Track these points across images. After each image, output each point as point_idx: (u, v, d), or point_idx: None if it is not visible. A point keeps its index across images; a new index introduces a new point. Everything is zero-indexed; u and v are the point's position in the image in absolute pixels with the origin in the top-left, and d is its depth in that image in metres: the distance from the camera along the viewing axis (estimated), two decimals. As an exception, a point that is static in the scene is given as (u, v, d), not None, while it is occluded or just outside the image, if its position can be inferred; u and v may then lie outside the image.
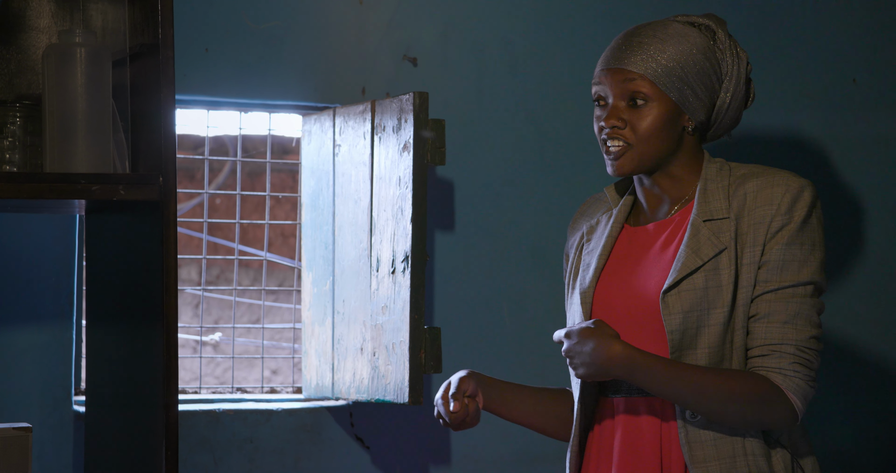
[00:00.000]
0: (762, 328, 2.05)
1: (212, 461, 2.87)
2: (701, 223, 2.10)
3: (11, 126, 2.23)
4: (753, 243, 2.07)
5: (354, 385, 2.83)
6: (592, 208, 2.32)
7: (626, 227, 2.23)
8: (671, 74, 2.11)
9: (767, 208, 2.07)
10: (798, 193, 2.07)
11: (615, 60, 2.14)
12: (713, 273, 2.07)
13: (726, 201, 2.10)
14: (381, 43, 3.01)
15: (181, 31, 2.42)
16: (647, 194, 2.21)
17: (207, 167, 3.19)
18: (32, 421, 2.70)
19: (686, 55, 2.12)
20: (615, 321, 2.15)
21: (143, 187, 2.12)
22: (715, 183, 2.13)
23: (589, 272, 2.21)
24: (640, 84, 2.11)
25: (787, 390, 2.02)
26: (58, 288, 2.76)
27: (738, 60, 2.16)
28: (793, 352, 2.03)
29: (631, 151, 2.12)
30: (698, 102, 2.13)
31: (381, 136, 2.78)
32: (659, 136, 2.12)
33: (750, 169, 2.14)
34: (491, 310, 3.10)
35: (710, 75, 2.14)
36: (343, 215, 2.89)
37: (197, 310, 6.44)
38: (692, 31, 2.15)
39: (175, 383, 2.10)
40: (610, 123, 2.13)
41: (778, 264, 2.05)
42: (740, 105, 2.19)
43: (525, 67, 3.13)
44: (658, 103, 2.11)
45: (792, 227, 2.06)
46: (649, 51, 2.11)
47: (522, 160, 3.13)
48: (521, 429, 3.10)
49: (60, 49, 2.15)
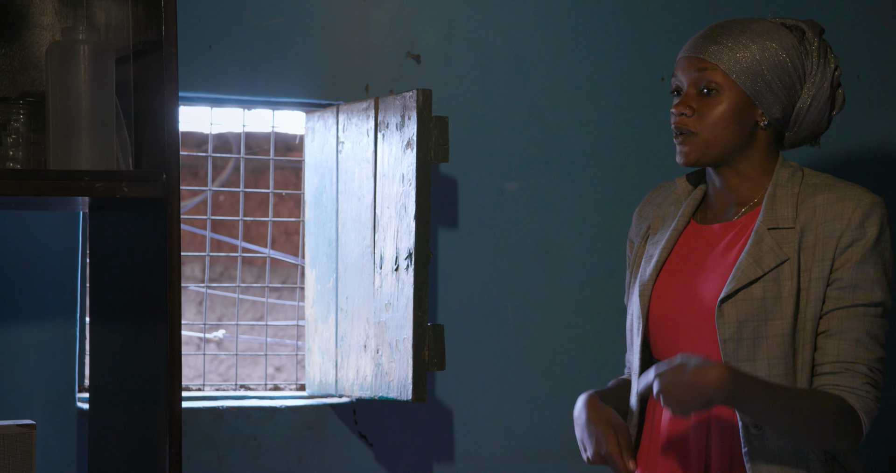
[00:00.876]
0: (834, 345, 2.03)
1: (215, 458, 2.87)
2: (765, 231, 2.07)
3: (15, 123, 2.23)
4: (823, 258, 2.04)
5: (358, 383, 2.83)
6: (661, 197, 2.30)
7: (692, 222, 2.21)
8: (746, 65, 2.09)
9: (838, 222, 2.04)
10: (870, 209, 2.05)
11: (693, 49, 2.13)
12: (773, 284, 2.04)
13: (794, 210, 2.08)
14: (384, 40, 3.01)
15: (184, 28, 2.42)
16: (715, 190, 2.18)
17: (211, 164, 3.20)
18: (36, 418, 2.70)
19: (766, 50, 2.10)
20: (671, 319, 2.14)
21: (147, 184, 2.12)
22: (785, 189, 2.11)
23: (650, 265, 2.19)
24: (713, 73, 2.10)
25: (859, 410, 2.01)
26: (61, 285, 2.76)
27: (826, 63, 2.14)
28: (865, 372, 2.02)
29: (695, 139, 2.10)
30: (773, 97, 2.11)
31: (385, 133, 2.78)
32: (727, 127, 2.10)
33: (823, 180, 2.11)
34: (494, 307, 3.10)
35: (791, 73, 2.11)
36: (346, 213, 2.89)
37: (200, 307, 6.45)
38: (780, 30, 2.13)
39: (178, 380, 2.10)
40: (679, 110, 2.11)
41: (851, 282, 2.03)
42: (823, 110, 2.15)
43: (529, 64, 3.13)
44: (730, 94, 2.10)
45: (865, 244, 2.03)
46: (728, 42, 2.10)
47: (526, 157, 3.13)
48: (524, 426, 3.11)
49: (64, 46, 2.15)
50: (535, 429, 3.11)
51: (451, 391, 3.05)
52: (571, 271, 3.14)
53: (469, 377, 3.06)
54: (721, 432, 2.08)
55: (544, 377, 3.13)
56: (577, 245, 3.13)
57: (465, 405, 3.06)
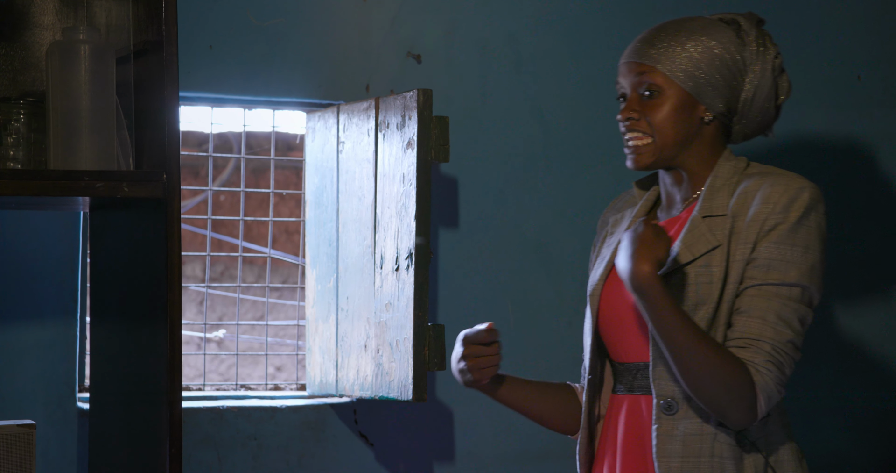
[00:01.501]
0: (742, 322, 2.02)
1: (216, 458, 2.87)
2: (700, 220, 2.09)
3: (15, 123, 2.23)
4: (745, 241, 2.05)
5: (358, 382, 2.83)
6: (621, 203, 2.33)
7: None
8: (684, 63, 2.11)
9: (764, 206, 2.05)
10: (797, 193, 2.05)
11: (631, 54, 2.17)
12: (704, 270, 2.06)
13: (729, 198, 2.10)
14: (385, 40, 3.01)
15: (185, 28, 2.41)
16: (665, 188, 2.21)
17: (211, 164, 3.20)
18: (36, 418, 2.70)
19: (701, 46, 2.12)
20: (618, 318, 2.16)
21: (147, 184, 2.12)
22: (723, 180, 2.13)
23: (601, 267, 2.21)
24: (652, 75, 2.12)
25: (756, 384, 1.99)
26: (62, 285, 2.76)
27: (765, 52, 2.16)
28: (768, 350, 2.00)
29: (646, 143, 2.13)
30: (714, 92, 2.13)
31: (385, 133, 2.78)
32: (674, 126, 2.12)
33: (761, 169, 2.13)
34: (495, 307, 3.10)
35: (729, 66, 2.13)
36: (347, 212, 2.89)
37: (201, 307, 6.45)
38: (716, 26, 2.16)
39: (179, 380, 2.10)
40: (625, 115, 2.14)
41: (766, 262, 2.03)
42: (769, 98, 2.17)
43: (529, 64, 3.13)
44: (671, 93, 2.12)
45: (785, 226, 2.04)
46: (663, 43, 2.13)
47: (526, 157, 3.13)
48: (525, 426, 3.10)
49: (64, 46, 2.15)
50: (535, 429, 3.09)
51: (451, 391, 3.04)
52: (571, 271, 3.14)
53: (469, 377, 3.06)
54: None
55: (544, 377, 3.12)
56: (577, 245, 3.13)
57: (465, 406, 3.06)
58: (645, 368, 2.12)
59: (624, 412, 2.15)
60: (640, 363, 2.14)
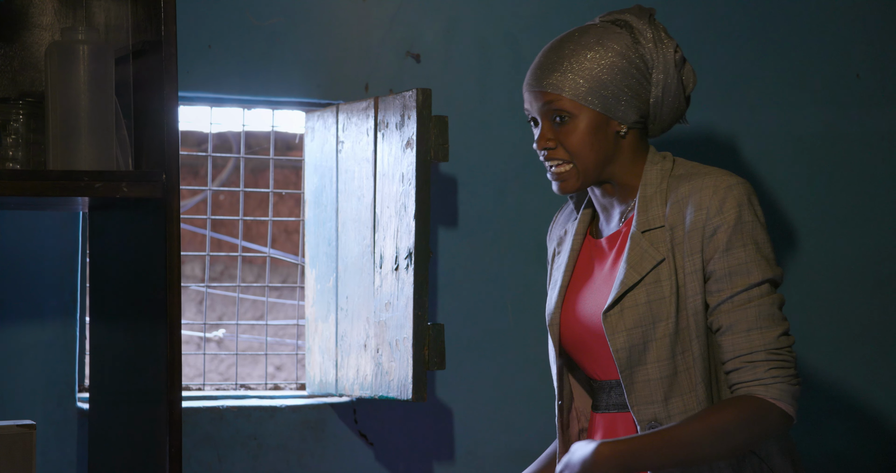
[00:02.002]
0: (728, 342, 2.02)
1: (215, 457, 2.87)
2: (640, 236, 2.07)
3: (14, 123, 2.23)
4: (692, 251, 2.04)
5: (358, 382, 2.83)
6: (563, 216, 2.31)
7: (588, 237, 2.21)
8: (588, 84, 2.08)
9: (699, 212, 2.03)
10: (725, 193, 2.03)
11: (534, 82, 2.13)
12: (654, 286, 2.04)
13: (663, 208, 2.07)
14: (384, 39, 3.01)
15: (184, 27, 2.42)
16: (598, 202, 2.19)
17: (211, 164, 3.20)
18: (36, 418, 2.70)
19: (603, 62, 2.09)
20: (578, 342, 2.16)
21: (147, 184, 2.12)
22: (654, 187, 2.10)
23: (555, 292, 2.21)
24: (560, 103, 2.10)
25: (772, 399, 1.98)
26: (61, 285, 2.76)
27: (664, 49, 2.12)
28: (765, 359, 1.99)
29: (573, 168, 2.11)
30: (624, 105, 2.10)
31: (385, 132, 2.78)
32: (591, 148, 2.10)
33: (687, 169, 2.10)
34: (494, 307, 3.10)
35: (633, 74, 2.10)
36: (346, 212, 2.89)
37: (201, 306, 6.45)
38: (611, 33, 2.12)
39: (178, 379, 2.10)
40: (541, 145, 2.12)
41: (725, 272, 2.01)
42: (677, 92, 2.14)
43: (528, 64, 3.12)
44: (582, 116, 2.09)
45: (726, 230, 2.01)
46: (563, 66, 2.10)
47: (525, 157, 3.12)
48: (524, 426, 3.11)
49: (63, 46, 2.15)
50: (535, 428, 3.10)
51: (451, 390, 3.05)
52: (571, 271, 3.14)
53: (469, 377, 3.06)
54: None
55: (544, 377, 3.12)
56: (576, 244, 3.13)
57: (465, 405, 3.06)
58: (617, 385, 2.12)
59: (601, 430, 2.16)
60: (611, 380, 2.13)
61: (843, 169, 3.37)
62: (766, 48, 3.26)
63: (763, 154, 3.30)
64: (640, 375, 2.04)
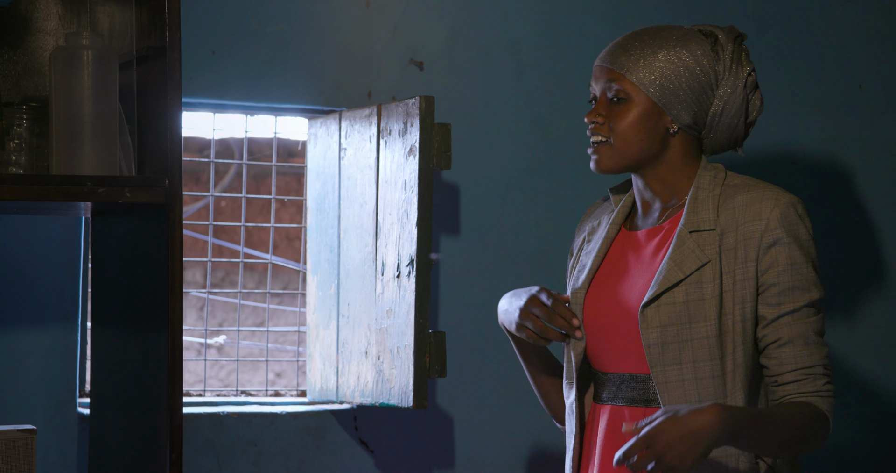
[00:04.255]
0: (790, 353, 2.04)
1: (216, 464, 2.87)
2: (687, 235, 2.09)
3: (18, 128, 2.23)
4: (745, 259, 2.06)
5: (359, 389, 2.83)
6: (599, 210, 2.32)
7: (622, 230, 2.22)
8: (654, 73, 2.11)
9: (757, 223, 2.06)
10: (786, 208, 2.06)
11: (604, 58, 2.16)
12: (695, 287, 2.06)
13: (714, 212, 2.10)
14: (387, 47, 3.01)
15: (188, 34, 2.42)
16: (641, 196, 2.21)
17: (213, 170, 3.20)
18: (37, 423, 2.70)
19: (674, 57, 2.12)
20: (600, 328, 2.15)
21: (149, 190, 2.12)
22: (706, 191, 2.12)
23: (583, 274, 2.20)
24: (621, 82, 2.12)
25: (826, 412, 2.04)
26: (63, 290, 2.76)
27: (739, 68, 2.15)
28: (822, 373, 2.05)
29: (609, 147, 2.13)
30: (682, 104, 2.12)
31: (387, 140, 2.78)
32: (637, 134, 2.12)
33: (742, 180, 2.13)
34: (496, 314, 3.10)
35: (700, 79, 2.13)
36: (348, 219, 2.89)
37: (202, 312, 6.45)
38: (693, 37, 2.15)
39: (179, 385, 2.10)
40: (590, 118, 2.14)
41: (789, 286, 2.05)
42: (738, 115, 2.16)
43: (531, 72, 3.13)
44: (638, 102, 2.12)
45: (787, 244, 2.05)
46: (637, 51, 2.13)
47: (528, 164, 3.13)
48: (525, 434, 3.10)
49: (67, 51, 2.15)
50: (535, 436, 3.10)
51: (452, 398, 3.04)
52: (573, 279, 3.14)
53: (470, 384, 3.06)
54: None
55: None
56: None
57: (466, 412, 3.06)
58: (630, 379, 2.11)
59: (604, 422, 2.15)
60: (624, 374, 2.13)
61: (846, 180, 3.37)
62: (768, 59, 3.26)
63: (766, 164, 3.30)
64: (674, 374, 2.06)
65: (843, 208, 3.36)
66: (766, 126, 3.29)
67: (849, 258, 3.38)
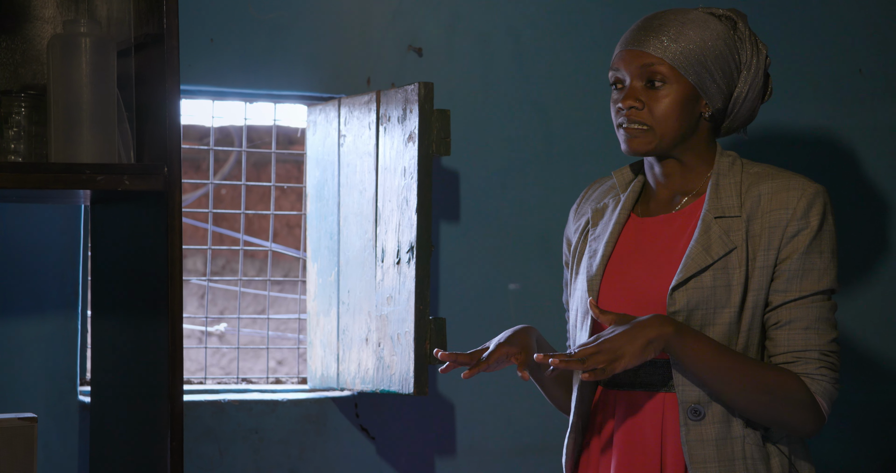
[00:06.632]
0: (784, 335, 2.05)
1: (217, 451, 2.87)
2: (712, 220, 2.09)
3: (16, 116, 2.23)
4: (768, 247, 2.06)
5: (359, 376, 2.83)
6: (598, 193, 2.31)
7: (632, 215, 2.21)
8: (690, 56, 2.10)
9: (783, 212, 2.06)
10: (813, 198, 2.06)
11: (634, 42, 2.13)
12: (722, 272, 2.06)
13: (738, 199, 2.09)
14: (386, 33, 3.00)
15: (186, 21, 2.41)
16: (657, 181, 2.20)
17: (213, 158, 3.19)
18: (38, 412, 2.70)
19: (706, 40, 2.11)
20: (620, 312, 2.14)
21: (148, 178, 2.12)
22: (727, 178, 2.12)
23: (596, 259, 2.19)
24: (659, 66, 2.10)
25: (815, 393, 2.03)
26: (63, 279, 2.76)
27: (758, 51, 2.15)
28: (817, 357, 2.04)
29: (650, 133, 2.11)
30: (716, 87, 2.12)
31: (386, 126, 2.78)
32: (677, 118, 2.10)
33: (763, 169, 2.13)
34: (496, 300, 3.10)
35: (730, 62, 2.13)
36: (348, 206, 2.89)
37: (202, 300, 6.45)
38: (713, 20, 2.14)
39: (180, 373, 2.10)
40: (627, 103, 2.11)
41: (798, 273, 2.05)
42: (757, 98, 2.18)
43: (531, 58, 3.12)
44: (676, 85, 2.11)
45: (809, 233, 2.05)
46: (669, 34, 2.11)
47: (528, 150, 3.12)
48: (525, 420, 3.10)
49: (65, 39, 2.15)
50: (536, 423, 3.10)
51: (452, 384, 3.05)
52: (573, 265, 3.14)
53: (471, 371, 3.06)
54: (675, 428, 2.09)
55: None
56: (578, 239, 3.13)
57: (466, 399, 3.06)
58: (650, 364, 2.11)
59: (619, 408, 2.14)
60: None
61: (846, 164, 3.37)
62: (768, 43, 3.25)
63: (765, 149, 3.30)
64: None
65: (844, 193, 3.36)
66: (766, 110, 3.28)
67: (847, 246, 3.37)
